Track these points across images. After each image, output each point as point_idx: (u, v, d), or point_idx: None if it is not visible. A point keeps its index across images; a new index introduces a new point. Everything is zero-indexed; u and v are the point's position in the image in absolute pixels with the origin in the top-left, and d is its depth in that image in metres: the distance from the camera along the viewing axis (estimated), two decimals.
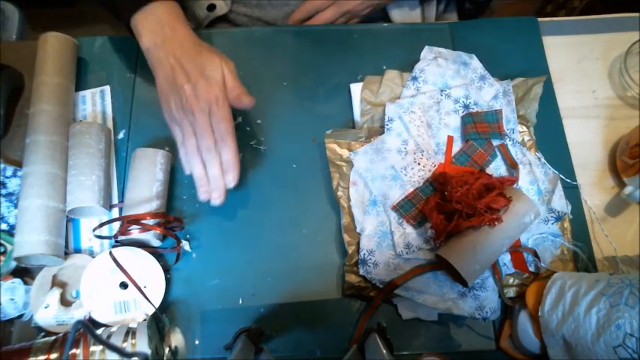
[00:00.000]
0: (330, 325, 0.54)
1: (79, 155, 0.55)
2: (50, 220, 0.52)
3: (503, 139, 0.59)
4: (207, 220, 0.58)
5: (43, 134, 0.55)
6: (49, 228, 0.52)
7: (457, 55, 0.64)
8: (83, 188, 0.54)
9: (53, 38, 0.61)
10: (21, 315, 0.53)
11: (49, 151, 0.55)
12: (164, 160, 0.57)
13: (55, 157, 0.55)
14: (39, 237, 0.51)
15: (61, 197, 0.54)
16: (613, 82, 0.67)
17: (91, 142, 0.56)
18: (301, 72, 0.66)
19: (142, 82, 0.65)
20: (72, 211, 0.54)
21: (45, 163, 0.54)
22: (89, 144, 0.56)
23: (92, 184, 0.54)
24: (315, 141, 0.62)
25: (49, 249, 0.51)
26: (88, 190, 0.54)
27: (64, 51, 0.61)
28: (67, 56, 0.61)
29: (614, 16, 0.71)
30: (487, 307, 0.53)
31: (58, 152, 0.56)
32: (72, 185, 0.55)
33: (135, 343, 0.47)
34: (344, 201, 0.58)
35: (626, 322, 0.41)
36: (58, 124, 0.57)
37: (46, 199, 0.53)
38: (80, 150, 0.56)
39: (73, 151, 0.56)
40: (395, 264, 0.54)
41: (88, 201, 0.54)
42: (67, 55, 0.62)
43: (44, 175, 0.54)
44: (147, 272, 0.54)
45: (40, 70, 0.59)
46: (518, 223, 0.50)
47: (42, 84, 0.58)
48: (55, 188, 0.54)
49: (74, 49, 0.63)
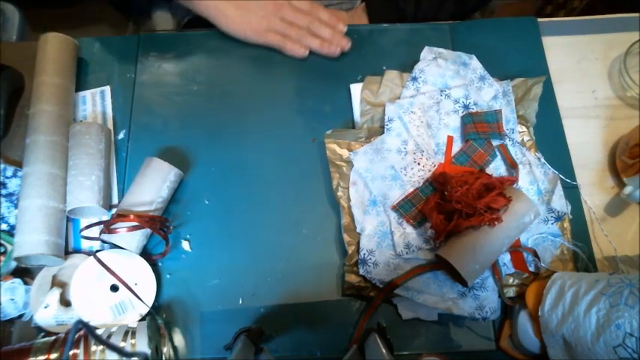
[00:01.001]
0: (330, 325, 0.54)
1: (78, 155, 0.56)
2: (50, 220, 0.52)
3: (503, 139, 0.59)
4: (207, 221, 0.58)
5: (43, 134, 0.56)
6: (49, 228, 0.52)
7: (457, 56, 0.64)
8: (83, 188, 0.54)
9: (53, 39, 0.61)
10: (21, 315, 0.53)
11: (49, 151, 0.55)
12: (174, 179, 0.57)
13: (55, 158, 0.55)
14: (39, 237, 0.51)
15: (61, 197, 0.54)
16: (613, 82, 0.67)
17: (90, 143, 0.56)
18: (301, 72, 0.66)
19: (142, 82, 0.65)
20: (72, 211, 0.54)
21: (45, 163, 0.54)
22: (89, 144, 0.56)
23: (92, 184, 0.54)
24: (315, 141, 0.62)
25: (49, 249, 0.51)
26: (88, 190, 0.54)
27: (64, 51, 0.61)
28: (67, 57, 0.62)
29: (614, 16, 0.71)
30: (487, 307, 0.53)
31: (58, 152, 0.56)
32: (72, 185, 0.55)
33: (135, 343, 0.47)
34: (344, 201, 0.58)
35: (625, 321, 0.41)
36: (58, 125, 0.57)
37: (46, 199, 0.53)
38: (80, 150, 0.56)
39: (73, 152, 0.56)
40: (395, 264, 0.54)
41: (88, 201, 0.54)
42: (67, 55, 0.62)
43: (44, 175, 0.54)
44: (135, 271, 0.54)
45: (40, 71, 0.59)
46: (518, 223, 0.50)
47: (42, 84, 0.58)
48: (55, 188, 0.54)
49: (74, 50, 0.63)
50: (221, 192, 0.60)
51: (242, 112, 0.64)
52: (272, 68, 0.66)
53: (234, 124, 0.63)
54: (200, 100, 0.64)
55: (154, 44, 0.67)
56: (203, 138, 0.62)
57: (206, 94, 0.65)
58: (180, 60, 0.67)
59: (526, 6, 1.28)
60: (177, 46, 0.67)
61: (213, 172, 0.61)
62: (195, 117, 0.63)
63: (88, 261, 0.54)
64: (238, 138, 0.62)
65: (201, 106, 0.64)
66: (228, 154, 0.62)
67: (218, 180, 0.60)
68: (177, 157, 0.61)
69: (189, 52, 0.67)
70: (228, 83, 0.65)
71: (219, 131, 0.63)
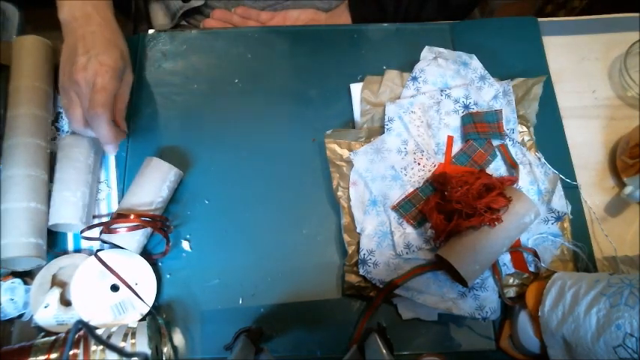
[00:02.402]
0: (330, 325, 0.54)
1: (66, 170, 0.55)
2: (33, 222, 0.52)
3: (503, 139, 0.59)
4: (207, 220, 0.58)
5: (22, 137, 0.55)
6: (32, 230, 0.52)
7: (457, 55, 0.64)
8: (68, 204, 0.54)
9: (27, 41, 0.61)
10: (21, 315, 0.53)
11: (28, 154, 0.55)
12: (174, 179, 0.57)
13: (35, 160, 0.55)
14: (23, 239, 0.51)
15: (42, 199, 0.54)
16: (613, 82, 0.67)
17: (79, 157, 0.56)
18: (301, 72, 0.66)
19: (142, 82, 0.65)
20: (55, 225, 0.54)
21: (25, 165, 0.54)
22: (77, 158, 0.56)
23: (77, 200, 0.54)
24: (315, 141, 0.62)
25: (34, 251, 0.51)
26: (73, 206, 0.54)
27: (39, 54, 0.61)
28: (43, 59, 0.61)
29: (614, 16, 0.71)
30: (487, 307, 0.53)
31: (37, 154, 0.55)
32: (56, 200, 0.54)
33: (135, 343, 0.47)
34: (344, 201, 0.58)
35: (626, 322, 0.41)
36: (37, 127, 0.57)
37: (27, 202, 0.53)
38: (68, 164, 0.55)
39: (61, 165, 0.56)
40: (395, 264, 0.54)
41: (71, 218, 0.53)
42: (43, 57, 0.61)
43: (24, 177, 0.54)
44: (135, 270, 0.54)
45: (16, 74, 0.59)
46: (518, 223, 0.50)
47: (18, 87, 0.58)
48: (36, 190, 0.54)
49: (49, 52, 0.62)
50: (221, 192, 0.60)
51: (242, 112, 0.64)
52: (272, 68, 0.66)
53: (234, 124, 0.63)
54: (200, 100, 0.64)
55: (154, 44, 0.67)
56: (203, 138, 0.62)
57: (206, 94, 0.65)
58: (180, 60, 0.67)
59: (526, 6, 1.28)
60: (178, 46, 0.67)
61: (213, 172, 0.61)
62: (195, 117, 0.63)
63: (88, 261, 0.54)
64: (238, 138, 0.62)
65: (201, 106, 0.64)
66: (228, 153, 0.62)
67: (218, 180, 0.60)
68: (177, 157, 0.61)
69: (189, 52, 0.67)
70: (228, 83, 0.65)
71: (219, 131, 0.63)
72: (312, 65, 0.67)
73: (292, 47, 0.68)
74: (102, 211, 0.59)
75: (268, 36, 0.68)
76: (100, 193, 0.59)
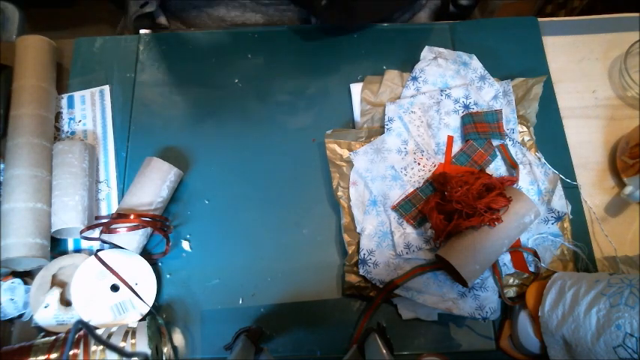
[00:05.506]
0: (330, 325, 0.54)
1: (62, 176, 0.55)
2: (36, 222, 0.52)
3: (503, 139, 0.59)
4: (207, 220, 0.58)
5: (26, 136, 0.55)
6: (36, 230, 0.52)
7: (457, 55, 0.64)
8: (67, 209, 0.54)
9: (30, 40, 0.60)
10: (21, 315, 0.53)
11: (32, 154, 0.55)
12: (174, 179, 0.57)
13: (38, 160, 0.55)
14: (27, 240, 0.51)
15: (46, 199, 0.54)
16: (613, 82, 0.67)
17: (74, 162, 0.56)
18: (301, 72, 0.66)
19: (142, 82, 0.65)
20: (57, 231, 0.54)
21: (28, 165, 0.54)
22: (72, 163, 0.56)
23: (75, 204, 0.54)
24: (315, 141, 0.62)
25: (38, 251, 0.51)
26: (72, 210, 0.54)
27: (43, 54, 0.61)
28: (46, 59, 0.61)
29: (614, 16, 0.71)
30: (487, 307, 0.53)
31: (40, 154, 0.55)
32: (56, 206, 0.54)
33: (135, 343, 0.47)
34: (344, 201, 0.58)
35: (626, 322, 0.41)
36: (41, 127, 0.57)
37: (32, 202, 0.53)
38: (63, 170, 0.55)
39: (57, 171, 0.56)
40: (395, 264, 0.54)
41: (72, 222, 0.53)
42: (46, 57, 0.61)
43: (28, 178, 0.54)
44: (135, 270, 0.54)
45: (20, 74, 0.59)
46: (518, 223, 0.50)
47: (22, 87, 0.58)
48: (40, 190, 0.54)
49: (52, 52, 0.62)
50: (221, 192, 0.60)
51: (242, 112, 0.64)
52: (272, 68, 0.66)
53: (234, 124, 0.63)
54: (200, 100, 0.64)
55: (154, 44, 0.67)
56: (203, 138, 0.62)
57: (206, 94, 0.65)
58: (180, 60, 0.67)
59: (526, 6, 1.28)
60: (177, 45, 0.67)
61: (213, 172, 0.61)
62: (195, 117, 0.63)
63: (88, 261, 0.54)
64: (238, 138, 0.62)
65: (201, 106, 0.64)
66: (228, 154, 0.62)
67: (218, 180, 0.60)
68: (177, 157, 0.61)
69: (189, 52, 0.67)
70: (228, 83, 0.65)
71: (219, 131, 0.63)
72: (312, 65, 0.67)
73: (292, 47, 0.68)
74: (102, 211, 0.59)
75: (268, 36, 0.68)
76: (100, 193, 0.59)
